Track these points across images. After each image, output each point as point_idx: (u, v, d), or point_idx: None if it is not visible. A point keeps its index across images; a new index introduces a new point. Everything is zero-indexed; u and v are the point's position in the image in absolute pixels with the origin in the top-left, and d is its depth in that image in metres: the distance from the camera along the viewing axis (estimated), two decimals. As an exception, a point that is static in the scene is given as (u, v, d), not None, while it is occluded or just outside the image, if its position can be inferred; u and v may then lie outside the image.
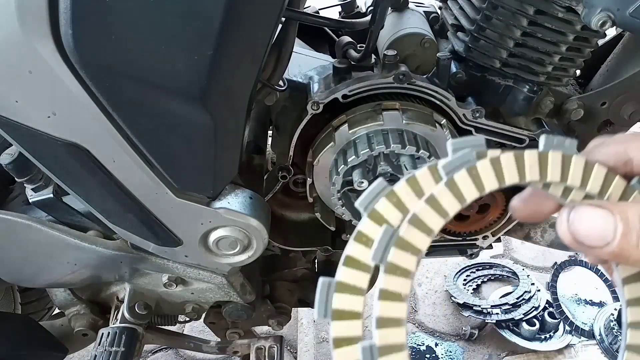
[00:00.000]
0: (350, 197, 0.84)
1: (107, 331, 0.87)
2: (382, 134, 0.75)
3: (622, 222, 0.30)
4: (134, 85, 0.55)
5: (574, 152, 0.32)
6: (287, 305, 1.09)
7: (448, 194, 0.30)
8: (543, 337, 1.55)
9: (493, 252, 1.85)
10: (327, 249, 0.93)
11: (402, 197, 0.30)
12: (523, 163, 0.31)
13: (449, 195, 0.30)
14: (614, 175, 0.33)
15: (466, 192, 0.31)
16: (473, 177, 0.31)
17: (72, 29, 0.50)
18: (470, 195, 0.31)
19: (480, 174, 0.31)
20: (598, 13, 0.60)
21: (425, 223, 0.30)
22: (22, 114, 0.57)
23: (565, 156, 0.32)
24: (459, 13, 0.78)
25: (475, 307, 1.62)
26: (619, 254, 0.30)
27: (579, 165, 0.32)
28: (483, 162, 0.31)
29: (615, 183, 0.32)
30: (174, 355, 1.63)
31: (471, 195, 0.31)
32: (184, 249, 0.79)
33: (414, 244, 0.30)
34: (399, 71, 0.72)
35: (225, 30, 0.52)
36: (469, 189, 0.31)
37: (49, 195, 0.77)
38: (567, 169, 0.32)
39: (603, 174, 0.32)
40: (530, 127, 0.78)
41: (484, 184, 0.31)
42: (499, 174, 0.31)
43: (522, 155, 0.31)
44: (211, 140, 0.63)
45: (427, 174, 0.31)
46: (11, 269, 0.88)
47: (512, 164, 0.31)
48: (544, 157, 0.31)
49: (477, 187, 0.31)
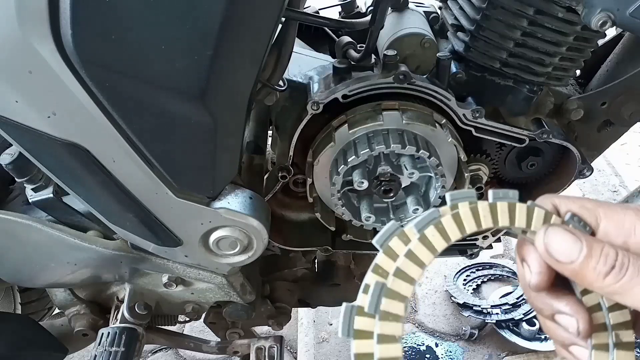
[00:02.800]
0: (350, 197, 0.84)
1: (107, 331, 0.87)
2: (382, 134, 0.75)
3: (587, 248, 0.37)
4: (134, 85, 0.55)
5: (516, 200, 0.39)
6: (287, 305, 1.09)
7: (422, 247, 0.37)
8: (543, 337, 1.55)
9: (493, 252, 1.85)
10: (327, 249, 0.93)
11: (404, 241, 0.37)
12: (478, 215, 0.38)
13: (423, 249, 0.37)
14: (551, 215, 0.39)
15: (436, 243, 0.37)
16: (440, 231, 0.37)
17: (72, 29, 0.50)
18: (440, 246, 0.37)
19: (445, 227, 0.38)
20: (598, 13, 0.60)
21: (407, 274, 0.36)
22: (22, 114, 0.57)
23: (510, 204, 0.39)
24: (459, 13, 0.78)
25: (475, 307, 1.62)
26: (578, 273, 0.37)
27: (523, 210, 0.39)
28: (446, 217, 0.38)
29: (553, 220, 0.39)
30: (174, 355, 1.63)
31: (440, 245, 0.37)
32: (184, 249, 0.79)
33: (400, 292, 0.36)
34: (399, 71, 0.72)
35: (225, 30, 0.52)
36: (438, 241, 0.37)
37: (49, 195, 0.77)
38: (513, 214, 0.39)
39: (542, 214, 0.39)
40: (530, 127, 0.78)
41: (449, 235, 0.38)
42: (460, 226, 0.38)
43: (476, 208, 0.38)
44: (211, 140, 0.63)
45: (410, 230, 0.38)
46: (11, 269, 0.88)
47: (469, 217, 0.38)
48: (494, 207, 0.39)
49: (444, 238, 0.38)
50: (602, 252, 0.37)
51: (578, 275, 0.38)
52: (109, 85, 0.55)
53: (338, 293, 1.12)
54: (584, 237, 0.38)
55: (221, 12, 0.51)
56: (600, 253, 0.37)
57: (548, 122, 0.79)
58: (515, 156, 0.88)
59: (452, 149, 0.78)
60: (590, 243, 0.37)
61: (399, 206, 0.84)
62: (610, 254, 0.37)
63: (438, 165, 0.75)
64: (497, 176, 0.91)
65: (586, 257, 0.37)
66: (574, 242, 0.37)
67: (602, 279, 0.37)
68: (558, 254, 0.38)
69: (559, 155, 0.87)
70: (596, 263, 0.37)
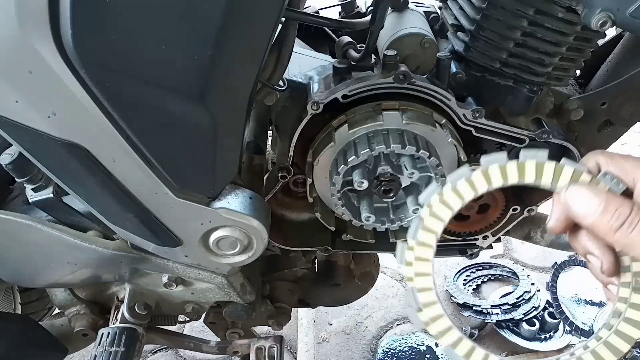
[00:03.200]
0: (350, 197, 0.84)
1: (107, 331, 0.87)
2: (382, 134, 0.75)
3: (604, 204, 0.41)
4: (134, 85, 0.55)
5: (545, 160, 0.45)
6: (287, 305, 1.09)
7: (452, 194, 0.47)
8: (543, 337, 1.55)
9: (493, 252, 1.85)
10: (327, 249, 0.93)
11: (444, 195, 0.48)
12: (506, 171, 0.46)
13: (453, 195, 0.47)
14: (580, 173, 0.45)
15: (465, 193, 0.47)
16: (470, 183, 0.47)
17: (72, 29, 0.50)
18: (468, 195, 0.47)
19: (474, 180, 0.46)
20: (598, 13, 0.60)
21: (438, 214, 0.47)
22: (22, 114, 0.57)
23: (538, 163, 0.45)
24: (459, 13, 0.78)
25: (475, 307, 1.62)
26: (594, 226, 0.42)
27: (550, 168, 0.45)
28: (476, 172, 0.46)
29: (582, 178, 0.44)
30: (174, 355, 1.63)
31: (469, 195, 0.47)
32: (184, 249, 0.79)
33: (432, 228, 0.47)
34: (399, 71, 0.72)
35: (225, 30, 0.52)
36: (467, 191, 0.47)
37: (49, 195, 0.77)
38: (540, 171, 0.45)
39: (570, 171, 0.45)
40: (530, 127, 0.78)
41: (477, 187, 0.46)
42: (488, 180, 0.46)
43: (504, 167, 0.46)
44: (211, 140, 0.63)
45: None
46: (11, 269, 0.88)
47: (497, 173, 0.45)
48: (522, 166, 0.45)
49: (472, 189, 0.47)
50: (617, 210, 0.41)
51: (594, 228, 0.42)
52: (109, 85, 0.55)
53: (338, 293, 1.12)
54: (604, 194, 0.42)
55: (221, 12, 0.51)
56: (615, 210, 0.41)
57: (548, 122, 0.79)
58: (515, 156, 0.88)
59: (452, 149, 0.78)
60: (608, 200, 0.42)
61: (399, 206, 0.84)
62: (623, 211, 0.41)
63: (438, 165, 0.75)
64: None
65: (602, 213, 0.41)
66: (591, 198, 0.42)
67: (612, 234, 0.41)
68: (576, 208, 0.43)
69: (559, 155, 0.87)
70: (609, 218, 0.41)
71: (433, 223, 0.47)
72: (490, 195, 0.91)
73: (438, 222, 0.47)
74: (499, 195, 0.90)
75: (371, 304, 1.75)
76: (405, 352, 1.58)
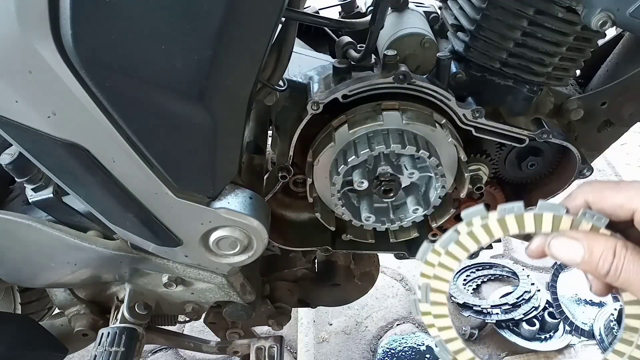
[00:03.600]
0: (350, 197, 0.84)
1: (107, 331, 0.87)
2: (382, 134, 0.75)
3: (587, 252, 0.43)
4: (134, 85, 0.55)
5: (522, 212, 0.46)
6: (287, 305, 1.09)
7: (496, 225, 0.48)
8: (543, 337, 1.55)
9: (493, 252, 1.85)
10: (327, 249, 0.93)
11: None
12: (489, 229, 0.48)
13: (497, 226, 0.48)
14: (559, 218, 0.45)
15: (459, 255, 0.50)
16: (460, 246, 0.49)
17: (72, 29, 0.49)
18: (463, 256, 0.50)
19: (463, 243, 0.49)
20: (598, 13, 0.60)
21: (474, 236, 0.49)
22: (22, 114, 0.57)
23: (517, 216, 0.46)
24: (459, 13, 0.78)
25: (475, 307, 1.62)
26: (587, 270, 0.44)
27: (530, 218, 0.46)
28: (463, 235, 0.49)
29: (562, 222, 0.45)
30: (174, 355, 1.63)
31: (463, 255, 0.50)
32: (184, 249, 0.79)
33: (456, 255, 0.50)
34: (399, 71, 0.72)
35: (225, 30, 0.52)
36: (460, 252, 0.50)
37: (49, 195, 0.77)
38: (522, 223, 0.46)
39: (550, 218, 0.45)
40: (530, 127, 0.78)
41: (469, 248, 0.49)
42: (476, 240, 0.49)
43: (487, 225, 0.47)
44: (211, 140, 0.63)
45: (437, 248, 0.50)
46: (11, 269, 0.88)
47: (482, 232, 0.48)
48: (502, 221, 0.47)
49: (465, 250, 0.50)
50: (601, 255, 0.42)
51: (587, 272, 0.44)
52: (109, 85, 0.55)
53: (338, 293, 1.12)
54: (585, 240, 0.43)
55: (221, 12, 0.51)
56: (600, 255, 0.42)
57: (548, 122, 0.79)
58: (515, 156, 0.88)
59: (452, 149, 0.78)
60: (590, 246, 0.43)
61: (399, 206, 0.84)
62: (608, 257, 0.42)
63: (438, 165, 0.75)
64: (497, 176, 0.91)
65: (588, 259, 0.43)
66: (574, 247, 0.43)
67: (604, 278, 0.43)
68: (563, 259, 0.44)
69: (559, 155, 0.87)
70: (597, 264, 0.43)
71: (459, 248, 0.49)
72: (490, 195, 0.91)
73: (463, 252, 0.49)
74: (499, 195, 0.90)
75: (371, 304, 1.75)
76: (405, 352, 1.58)
